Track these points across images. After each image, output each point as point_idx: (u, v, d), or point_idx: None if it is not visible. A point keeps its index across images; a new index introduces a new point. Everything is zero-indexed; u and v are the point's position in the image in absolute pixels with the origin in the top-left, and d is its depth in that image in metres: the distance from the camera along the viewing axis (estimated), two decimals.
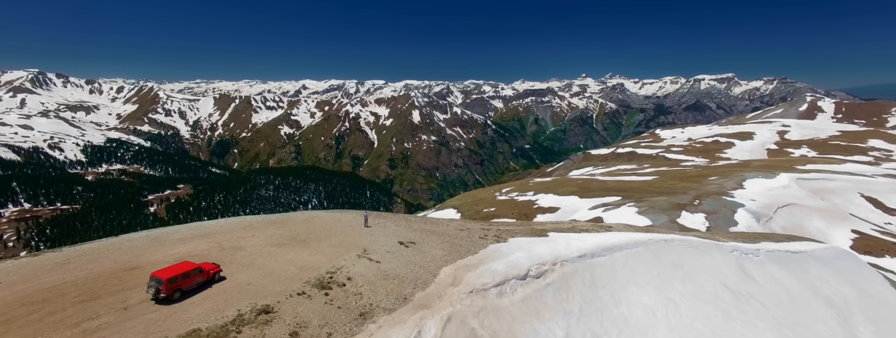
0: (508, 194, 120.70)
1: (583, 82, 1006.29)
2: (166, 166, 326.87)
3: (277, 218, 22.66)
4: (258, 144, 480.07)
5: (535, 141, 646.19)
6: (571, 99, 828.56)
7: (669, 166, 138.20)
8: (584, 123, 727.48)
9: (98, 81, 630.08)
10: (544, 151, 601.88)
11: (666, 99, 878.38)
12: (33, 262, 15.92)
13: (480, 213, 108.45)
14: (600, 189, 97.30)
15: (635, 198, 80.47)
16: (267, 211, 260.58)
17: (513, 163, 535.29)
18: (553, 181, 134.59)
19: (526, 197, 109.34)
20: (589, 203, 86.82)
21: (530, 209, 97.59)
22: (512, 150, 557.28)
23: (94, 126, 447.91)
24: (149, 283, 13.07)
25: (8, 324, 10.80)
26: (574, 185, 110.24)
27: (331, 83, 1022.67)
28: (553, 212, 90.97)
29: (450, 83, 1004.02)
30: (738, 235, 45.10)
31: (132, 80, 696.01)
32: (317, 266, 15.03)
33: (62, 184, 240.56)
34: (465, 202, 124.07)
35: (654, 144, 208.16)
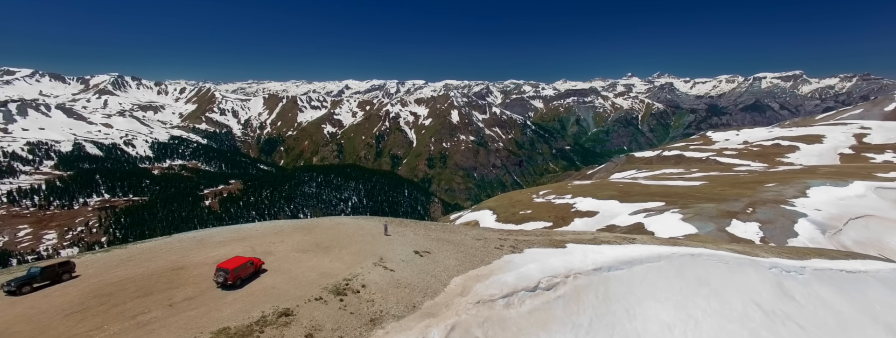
0: (545, 197, 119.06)
1: (628, 82, 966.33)
2: (220, 163, 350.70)
3: (306, 224, 24.43)
4: (303, 142, 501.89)
5: (576, 142, 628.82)
6: (615, 99, 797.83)
7: (721, 171, 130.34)
8: (628, 124, 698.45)
9: (165, 83, 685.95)
10: (585, 153, 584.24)
11: (720, 99, 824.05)
12: (105, 257, 18.66)
13: (516, 215, 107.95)
14: (642, 194, 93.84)
15: (680, 204, 77.00)
16: (310, 207, 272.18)
17: (552, 164, 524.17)
18: (592, 184, 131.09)
19: (563, 200, 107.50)
20: (629, 208, 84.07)
21: (567, 213, 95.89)
22: (551, 151, 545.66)
23: (160, 124, 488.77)
24: (216, 273, 15.81)
25: (84, 312, 13.12)
26: (614, 188, 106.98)
27: (372, 83, 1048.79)
28: (591, 216, 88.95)
29: (489, 83, 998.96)
30: (783, 249, 42.37)
31: (193, 82, 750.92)
32: (335, 273, 16.39)
33: (134, 177, 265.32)
34: (501, 204, 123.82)
35: (705, 146, 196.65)
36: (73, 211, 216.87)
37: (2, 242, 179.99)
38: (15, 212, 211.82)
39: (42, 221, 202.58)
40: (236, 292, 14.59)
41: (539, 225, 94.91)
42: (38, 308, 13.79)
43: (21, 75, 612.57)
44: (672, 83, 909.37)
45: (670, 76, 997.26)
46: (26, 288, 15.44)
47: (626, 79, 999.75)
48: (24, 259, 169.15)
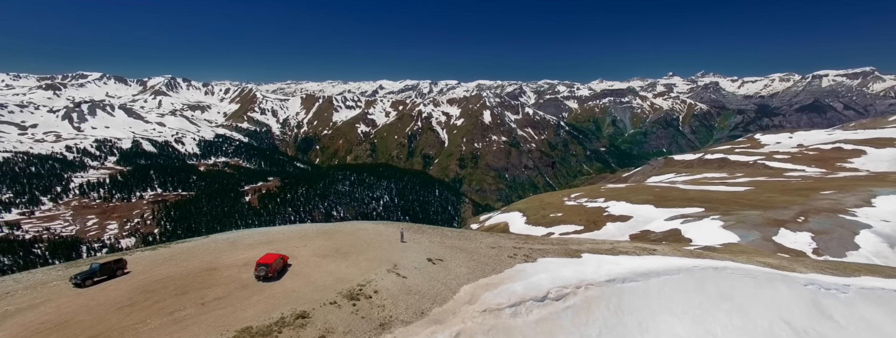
0: (577, 200, 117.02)
1: (669, 81, 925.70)
2: (260, 160, 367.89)
3: (329, 229, 25.86)
4: (337, 141, 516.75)
5: (612, 144, 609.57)
6: (655, 99, 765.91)
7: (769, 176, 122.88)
8: (668, 125, 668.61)
9: (212, 84, 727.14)
10: (621, 155, 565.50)
11: (772, 99, 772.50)
12: (151, 255, 20.89)
13: (546, 217, 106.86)
14: (680, 199, 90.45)
15: (721, 210, 73.66)
16: (343, 205, 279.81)
17: (586, 166, 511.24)
18: (627, 188, 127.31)
19: (596, 203, 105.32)
20: (665, 213, 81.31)
21: (599, 217, 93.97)
22: (586, 152, 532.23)
23: (206, 123, 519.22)
24: (257, 269, 18.40)
25: (132, 306, 15.03)
26: (650, 192, 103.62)
27: (406, 83, 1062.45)
28: (624, 221, 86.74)
29: (523, 83, 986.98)
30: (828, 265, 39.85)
31: (236, 82, 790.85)
32: (351, 278, 17.54)
33: (182, 173, 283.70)
34: (532, 206, 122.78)
35: (752, 149, 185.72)
36: (130, 204, 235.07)
37: (75, 230, 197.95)
38: (85, 203, 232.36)
39: (106, 213, 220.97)
40: (260, 294, 16.06)
41: (569, 228, 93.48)
42: (96, 300, 15.88)
43: (92, 79, 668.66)
44: (717, 82, 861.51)
45: (716, 75, 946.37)
46: (89, 281, 17.82)
47: (667, 78, 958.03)
48: (92, 247, 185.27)
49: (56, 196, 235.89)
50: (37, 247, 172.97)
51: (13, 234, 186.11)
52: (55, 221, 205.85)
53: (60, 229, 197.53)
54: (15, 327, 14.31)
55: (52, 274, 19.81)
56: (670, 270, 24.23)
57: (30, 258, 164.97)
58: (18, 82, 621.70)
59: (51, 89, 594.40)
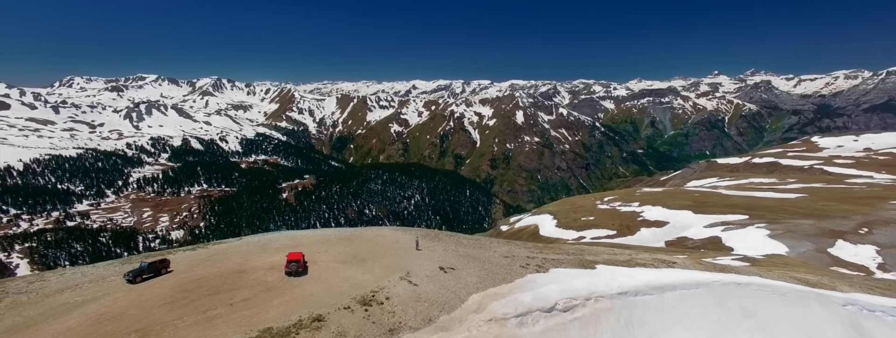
0: (610, 203, 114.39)
1: (714, 80, 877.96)
2: (297, 159, 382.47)
3: (350, 235, 27.25)
4: (371, 140, 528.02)
5: (650, 145, 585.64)
6: (698, 99, 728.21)
7: (827, 183, 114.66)
8: (712, 126, 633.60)
9: (253, 85, 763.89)
10: (660, 157, 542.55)
11: (835, 98, 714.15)
12: (192, 255, 23.13)
13: (577, 221, 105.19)
14: (722, 205, 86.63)
15: (768, 218, 69.84)
16: (375, 204, 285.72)
17: (622, 168, 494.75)
18: (664, 192, 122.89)
19: (630, 208, 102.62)
20: (705, 220, 78.22)
21: (633, 221, 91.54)
22: (622, 154, 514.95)
23: (248, 122, 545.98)
24: (288, 265, 21.09)
25: (173, 304, 16.98)
26: (689, 197, 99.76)
27: (438, 83, 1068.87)
28: (660, 227, 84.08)
29: (557, 83, 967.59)
30: (880, 283, 37.15)
31: (276, 83, 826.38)
32: (365, 285, 18.69)
33: (226, 170, 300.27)
34: (563, 208, 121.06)
35: (808, 153, 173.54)
36: (180, 198, 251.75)
37: (133, 222, 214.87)
38: (141, 196, 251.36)
39: (159, 206, 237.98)
40: (282, 297, 17.55)
41: (601, 233, 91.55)
42: (144, 296, 17.99)
43: (149, 80, 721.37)
44: (770, 81, 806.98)
45: (767, 73, 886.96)
46: (139, 278, 20.16)
47: (712, 77, 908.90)
48: (147, 237, 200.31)
49: (118, 189, 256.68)
50: (102, 236, 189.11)
51: (83, 223, 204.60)
52: (117, 213, 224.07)
53: (121, 220, 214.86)
54: (81, 317, 16.61)
55: (110, 269, 22.42)
56: (687, 284, 23.70)
57: (97, 246, 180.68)
58: (90, 85, 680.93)
59: (115, 91, 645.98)
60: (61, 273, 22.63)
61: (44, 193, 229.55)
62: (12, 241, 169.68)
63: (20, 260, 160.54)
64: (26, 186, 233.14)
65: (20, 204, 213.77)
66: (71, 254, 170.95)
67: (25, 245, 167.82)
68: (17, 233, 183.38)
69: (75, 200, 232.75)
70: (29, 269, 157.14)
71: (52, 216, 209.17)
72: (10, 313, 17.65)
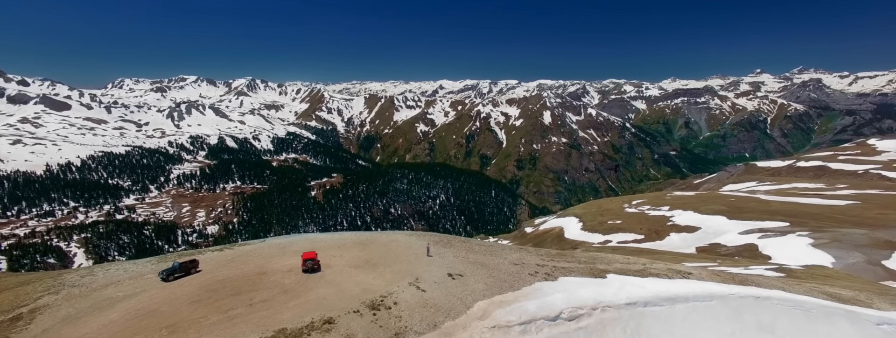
0: (638, 207, 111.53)
1: (756, 79, 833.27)
2: (325, 157, 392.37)
3: (365, 239, 28.20)
4: (397, 139, 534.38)
5: (684, 147, 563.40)
6: (737, 99, 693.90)
7: (885, 189, 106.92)
8: (752, 127, 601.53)
9: (285, 85, 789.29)
10: (694, 160, 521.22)
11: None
12: (219, 256, 24.71)
13: (604, 224, 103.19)
14: (760, 211, 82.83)
15: (812, 226, 66.24)
16: (400, 203, 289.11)
17: (653, 171, 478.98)
18: (696, 196, 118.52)
19: (659, 212, 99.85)
20: (740, 226, 75.26)
21: (662, 226, 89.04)
22: (653, 156, 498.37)
23: (279, 121, 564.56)
24: (304, 264, 22.83)
25: (199, 302, 18.35)
26: (723, 202, 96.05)
27: (465, 83, 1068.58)
28: (690, 232, 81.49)
29: (586, 83, 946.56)
30: None
31: (307, 83, 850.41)
32: (375, 289, 19.49)
33: (258, 168, 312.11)
34: (589, 211, 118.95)
35: (863, 157, 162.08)
36: (215, 194, 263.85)
37: (173, 216, 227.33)
38: (180, 192, 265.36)
39: (196, 201, 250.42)
40: (297, 299, 18.62)
41: (628, 237, 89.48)
42: (175, 294, 19.49)
43: (189, 81, 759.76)
44: (820, 79, 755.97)
45: (818, 71, 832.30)
46: (171, 277, 21.84)
47: (754, 76, 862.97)
48: (185, 231, 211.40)
49: (160, 185, 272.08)
50: (146, 229, 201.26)
51: (130, 216, 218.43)
52: (159, 207, 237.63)
53: (162, 215, 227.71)
54: (121, 311, 18.32)
55: (148, 267, 24.32)
56: (701, 296, 23.11)
57: (141, 239, 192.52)
58: (137, 86, 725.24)
59: (159, 91, 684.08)
60: (107, 269, 24.72)
61: (97, 187, 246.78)
62: (71, 232, 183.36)
63: (77, 249, 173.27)
64: (83, 181, 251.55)
65: (78, 197, 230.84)
66: (119, 245, 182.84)
67: (81, 236, 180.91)
68: (75, 224, 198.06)
69: (123, 195, 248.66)
70: (84, 257, 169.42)
71: (103, 209, 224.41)
72: (66, 304, 19.75)
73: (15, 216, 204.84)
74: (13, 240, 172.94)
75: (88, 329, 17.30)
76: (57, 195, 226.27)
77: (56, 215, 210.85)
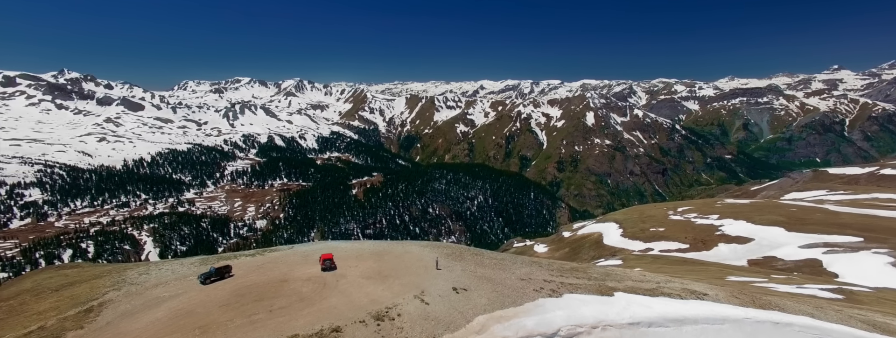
0: (684, 214, 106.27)
1: (832, 77, 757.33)
2: (366, 156, 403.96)
3: (381, 249, 29.54)
4: (437, 140, 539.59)
5: (741, 151, 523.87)
6: (807, 99, 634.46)
7: None
8: (826, 129, 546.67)
9: (330, 86, 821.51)
10: (753, 164, 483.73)
11: None
12: (250, 261, 26.99)
13: (645, 231, 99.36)
14: (826, 223, 76.13)
15: (893, 243, 59.80)
16: (438, 203, 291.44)
17: (705, 175, 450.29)
18: (751, 204, 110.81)
19: (707, 220, 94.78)
20: (801, 239, 69.87)
21: (710, 235, 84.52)
22: (705, 160, 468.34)
23: (324, 121, 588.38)
24: (323, 263, 25.54)
25: (228, 306, 20.31)
26: (782, 212, 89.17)
27: (506, 83, 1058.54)
28: (741, 243, 76.81)
29: (633, 82, 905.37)
30: None
31: (351, 83, 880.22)
32: (382, 301, 20.62)
33: (303, 166, 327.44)
34: (630, 217, 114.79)
35: None
36: (264, 190, 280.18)
37: (226, 210, 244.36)
38: (233, 188, 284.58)
39: (247, 197, 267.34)
40: (311, 307, 20.18)
41: (671, 246, 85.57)
42: (210, 297, 21.66)
43: (243, 83, 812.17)
44: None
45: None
46: (208, 281, 24.21)
47: (830, 73, 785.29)
48: (237, 224, 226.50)
49: (216, 181, 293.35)
50: (203, 221, 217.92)
51: (190, 209, 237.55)
52: (214, 201, 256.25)
53: (217, 208, 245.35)
54: (166, 311, 20.83)
55: (191, 269, 27.10)
56: (712, 318, 22.10)
57: (199, 230, 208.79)
58: (199, 87, 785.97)
59: (217, 92, 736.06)
60: (159, 268, 27.79)
61: (163, 181, 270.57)
62: (142, 222, 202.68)
63: (147, 238, 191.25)
64: (152, 175, 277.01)
65: (148, 190, 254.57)
66: (180, 236, 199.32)
67: (150, 226, 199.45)
68: (145, 215, 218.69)
69: (185, 189, 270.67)
70: (152, 246, 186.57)
71: (168, 202, 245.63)
72: (125, 301, 22.75)
73: (100, 206, 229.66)
74: (98, 227, 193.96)
75: (139, 325, 19.73)
76: (131, 188, 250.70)
77: (130, 206, 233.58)
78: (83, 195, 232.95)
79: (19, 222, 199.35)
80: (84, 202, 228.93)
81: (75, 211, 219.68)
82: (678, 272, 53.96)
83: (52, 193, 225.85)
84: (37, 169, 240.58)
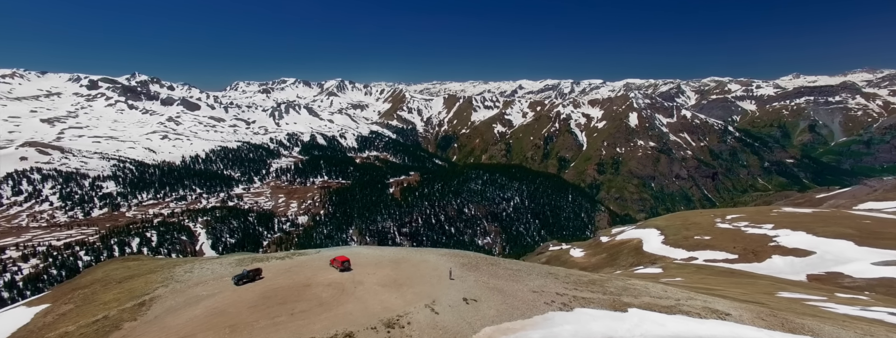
0: (733, 222, 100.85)
1: None
2: (404, 156, 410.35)
3: (400, 258, 30.50)
4: (474, 140, 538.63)
5: (807, 155, 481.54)
6: (892, 97, 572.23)
7: None
8: None
9: (370, 86, 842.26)
10: (820, 169, 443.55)
11: None
12: (280, 265, 28.70)
13: (689, 239, 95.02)
14: None
15: None
16: (474, 203, 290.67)
17: (761, 180, 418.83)
18: (814, 214, 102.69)
19: (760, 230, 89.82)
20: (875, 255, 64.75)
21: (762, 246, 79.97)
22: (762, 164, 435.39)
23: (363, 120, 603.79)
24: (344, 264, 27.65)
25: (256, 307, 21.84)
26: (851, 223, 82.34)
27: (546, 83, 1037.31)
28: (800, 256, 71.87)
29: (681, 81, 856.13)
30: None
31: (390, 83, 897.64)
32: (394, 309, 21.35)
33: (343, 164, 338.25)
34: (673, 224, 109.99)
35: None
36: (305, 187, 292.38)
37: (271, 206, 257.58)
38: (278, 184, 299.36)
39: (290, 193, 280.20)
40: (328, 312, 21.39)
41: (717, 256, 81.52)
42: (241, 298, 23.40)
43: (289, 83, 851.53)
44: None
45: None
46: (241, 282, 26.02)
47: None
48: (280, 220, 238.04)
49: (262, 177, 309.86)
50: (250, 216, 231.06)
51: (238, 204, 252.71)
52: (260, 197, 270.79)
53: (263, 204, 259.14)
54: (203, 309, 22.85)
55: (227, 269, 29.24)
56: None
57: (246, 224, 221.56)
58: (248, 88, 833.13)
59: (265, 93, 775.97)
60: (201, 267, 30.20)
61: (215, 177, 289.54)
62: (197, 215, 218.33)
63: (201, 230, 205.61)
64: (206, 171, 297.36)
65: (202, 185, 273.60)
66: (230, 229, 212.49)
67: (203, 218, 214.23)
68: (199, 208, 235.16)
69: (234, 184, 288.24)
70: (206, 237, 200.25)
71: (219, 196, 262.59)
72: (170, 298, 25.09)
73: (162, 198, 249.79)
74: (160, 218, 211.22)
75: (180, 321, 21.66)
76: (188, 182, 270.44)
77: (187, 199, 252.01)
78: (148, 188, 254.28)
79: (99, 211, 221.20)
80: (149, 195, 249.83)
81: (142, 203, 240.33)
82: (722, 284, 51.16)
83: (124, 185, 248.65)
84: (112, 164, 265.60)
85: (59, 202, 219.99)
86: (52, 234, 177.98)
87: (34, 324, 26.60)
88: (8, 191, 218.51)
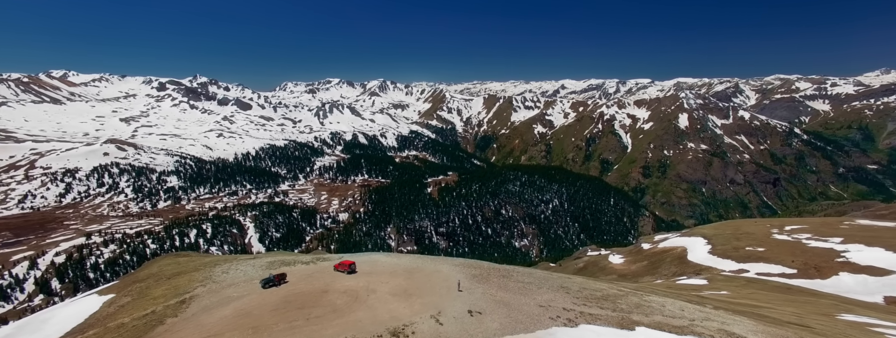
0: (793, 234, 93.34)
1: None
2: (443, 156, 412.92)
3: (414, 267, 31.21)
4: (513, 140, 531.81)
5: (894, 160, 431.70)
6: None
7: None
8: None
9: (411, 86, 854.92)
10: None
11: None
12: (304, 269, 30.17)
13: (739, 250, 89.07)
14: None
15: None
16: (512, 205, 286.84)
17: (834, 187, 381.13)
18: (895, 228, 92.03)
19: (825, 243, 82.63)
20: None
21: (828, 262, 73.53)
22: (837, 169, 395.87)
23: (404, 120, 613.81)
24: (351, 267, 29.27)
25: (277, 311, 23.24)
26: None
27: (589, 83, 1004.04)
28: (876, 275, 65.54)
29: (740, 80, 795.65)
30: None
31: (430, 83, 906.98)
32: (401, 318, 22.07)
33: (383, 163, 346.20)
34: (722, 233, 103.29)
35: None
36: (346, 185, 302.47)
37: (314, 202, 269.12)
38: (321, 182, 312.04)
39: (332, 191, 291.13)
40: (340, 319, 22.56)
41: (772, 269, 75.80)
42: (266, 301, 24.95)
43: (333, 84, 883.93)
44: None
45: None
46: (267, 286, 27.65)
47: None
48: (322, 216, 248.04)
49: (306, 175, 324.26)
50: (294, 212, 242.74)
51: (284, 200, 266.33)
52: (304, 194, 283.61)
53: (307, 200, 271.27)
54: (232, 310, 24.64)
55: (257, 272, 31.23)
56: None
57: (290, 220, 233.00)
58: (296, 88, 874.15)
59: (311, 93, 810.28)
60: (236, 268, 32.51)
61: (264, 173, 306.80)
62: (246, 209, 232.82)
63: (249, 224, 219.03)
64: (256, 168, 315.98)
65: (252, 181, 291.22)
66: (276, 224, 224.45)
67: (252, 213, 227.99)
68: (249, 203, 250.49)
69: (281, 181, 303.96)
70: (254, 230, 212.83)
71: (267, 192, 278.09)
72: (206, 297, 27.27)
73: (216, 193, 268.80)
74: (214, 211, 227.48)
75: (212, 319, 23.49)
76: (239, 178, 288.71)
77: (238, 195, 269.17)
78: (205, 183, 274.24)
79: (163, 204, 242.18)
80: (205, 189, 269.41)
81: (199, 196, 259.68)
82: (773, 301, 47.67)
83: (185, 180, 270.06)
84: (175, 159, 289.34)
85: (132, 194, 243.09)
86: (126, 223, 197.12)
87: (100, 313, 30.26)
88: (94, 183, 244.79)
